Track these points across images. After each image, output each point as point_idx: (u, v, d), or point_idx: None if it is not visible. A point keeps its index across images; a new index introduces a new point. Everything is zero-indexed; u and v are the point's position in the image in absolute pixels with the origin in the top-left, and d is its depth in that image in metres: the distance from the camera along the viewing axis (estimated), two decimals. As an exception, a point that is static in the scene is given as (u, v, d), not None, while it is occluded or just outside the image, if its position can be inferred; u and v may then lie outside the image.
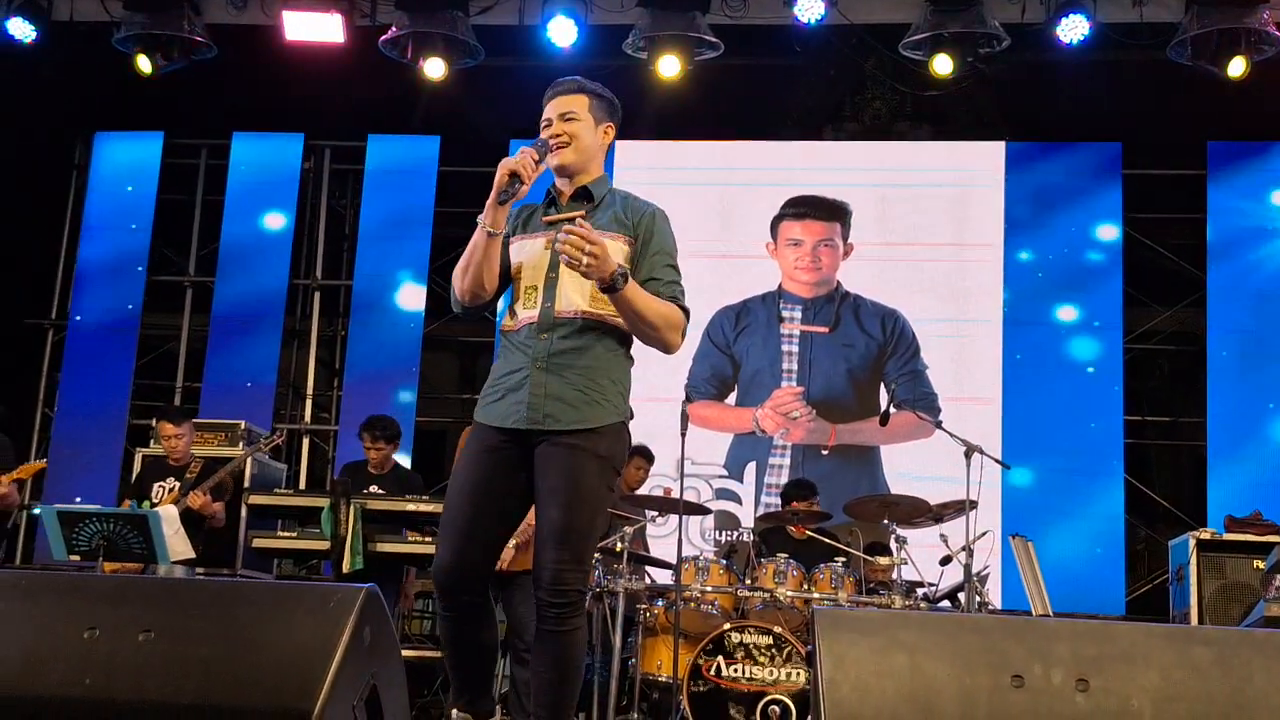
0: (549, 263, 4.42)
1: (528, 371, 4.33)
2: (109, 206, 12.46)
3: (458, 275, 4.48)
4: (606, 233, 4.36)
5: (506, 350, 4.46)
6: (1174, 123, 11.07)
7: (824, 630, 3.36)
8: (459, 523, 4.27)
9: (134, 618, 3.29)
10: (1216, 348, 11.09)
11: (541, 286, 4.41)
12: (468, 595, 4.27)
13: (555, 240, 4.23)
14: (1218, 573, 8.91)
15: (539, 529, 4.26)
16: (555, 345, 4.34)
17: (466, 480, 4.33)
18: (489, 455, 4.34)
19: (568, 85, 4.67)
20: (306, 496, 8.63)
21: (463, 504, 4.29)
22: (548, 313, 4.37)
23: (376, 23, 10.58)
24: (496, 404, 4.38)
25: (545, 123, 4.59)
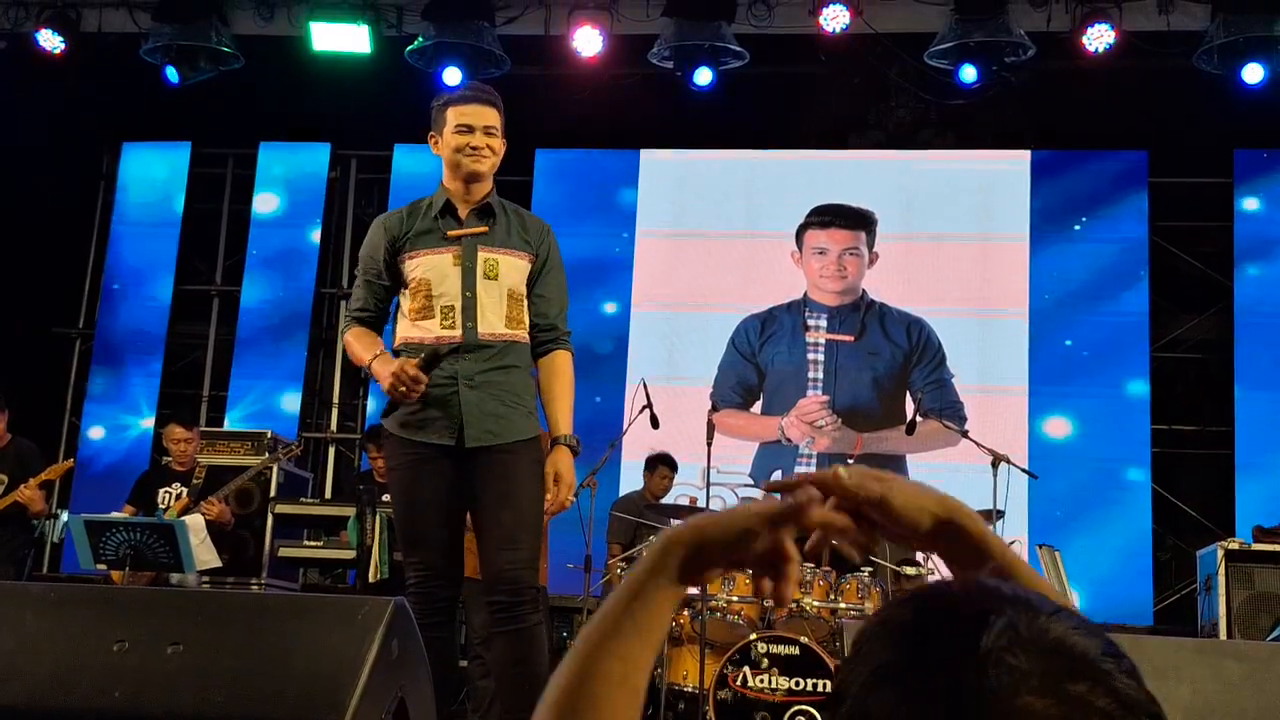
0: (463, 280, 4.49)
1: (454, 388, 4.42)
2: (136, 216, 12.53)
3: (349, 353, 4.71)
4: (509, 250, 4.59)
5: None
6: (1200, 131, 11.02)
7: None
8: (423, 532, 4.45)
9: (163, 630, 3.30)
10: (1244, 356, 11.04)
11: (459, 307, 4.49)
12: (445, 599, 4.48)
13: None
14: (1246, 583, 8.85)
15: (490, 534, 4.41)
16: (481, 366, 4.46)
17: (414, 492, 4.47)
18: (425, 465, 4.46)
19: (488, 96, 4.74)
20: (332, 506, 8.68)
21: (420, 514, 4.45)
22: (471, 334, 4.47)
23: (403, 33, 10.61)
24: (416, 417, 4.46)
25: (463, 128, 4.61)
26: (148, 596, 3.86)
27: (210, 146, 12.88)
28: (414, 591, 4.41)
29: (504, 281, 4.55)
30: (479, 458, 4.43)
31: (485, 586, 4.46)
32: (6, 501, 8.23)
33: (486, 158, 4.62)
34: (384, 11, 10.63)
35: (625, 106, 11.34)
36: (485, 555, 4.43)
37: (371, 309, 4.63)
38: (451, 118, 4.63)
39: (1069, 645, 1.06)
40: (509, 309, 4.53)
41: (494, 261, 4.55)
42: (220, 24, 10.59)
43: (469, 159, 4.58)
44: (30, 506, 8.27)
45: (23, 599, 3.51)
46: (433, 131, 4.73)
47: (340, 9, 10.48)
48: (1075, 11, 10.04)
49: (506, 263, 4.57)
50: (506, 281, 4.55)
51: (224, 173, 13.20)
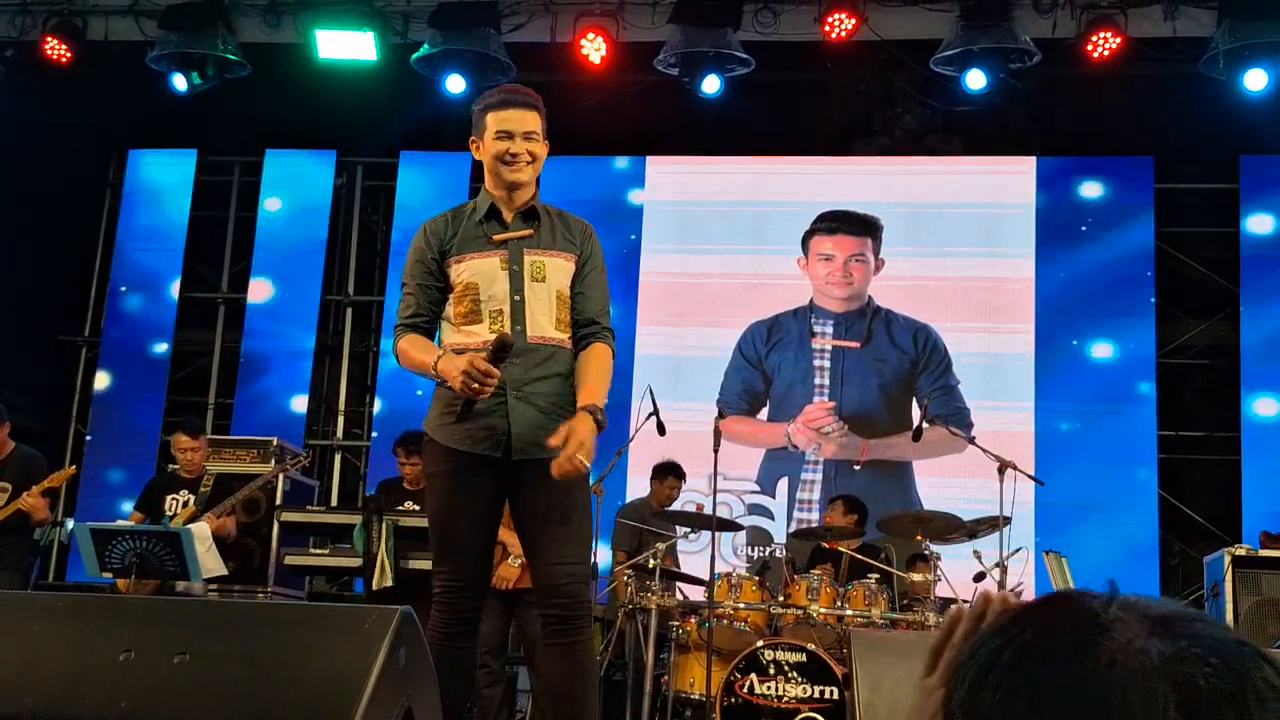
0: (510, 284, 4.42)
1: (502, 398, 4.32)
2: (143, 224, 12.55)
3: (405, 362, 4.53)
4: (555, 252, 4.50)
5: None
6: (1206, 137, 11.01)
7: (860, 653, 3.35)
8: (458, 542, 4.37)
9: (169, 640, 3.30)
10: (1250, 361, 11.03)
11: (508, 309, 4.40)
12: (471, 610, 4.42)
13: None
14: (1253, 589, 8.83)
15: (543, 548, 4.35)
16: (529, 373, 4.38)
17: (454, 500, 4.39)
18: (468, 476, 4.38)
19: (527, 99, 4.60)
20: (339, 513, 8.67)
21: (457, 523, 4.38)
22: (520, 338, 4.37)
23: (409, 40, 10.63)
24: (460, 426, 4.36)
25: (502, 134, 4.48)
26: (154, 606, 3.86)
27: (216, 154, 12.90)
28: (441, 600, 4.38)
29: (551, 284, 4.48)
30: (526, 469, 4.36)
31: (540, 599, 4.40)
32: (10, 510, 8.22)
33: (526, 165, 4.50)
34: (390, 19, 10.65)
35: (631, 113, 11.35)
36: (540, 568, 4.37)
37: (425, 313, 4.54)
38: (491, 123, 4.51)
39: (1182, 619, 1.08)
40: (557, 311, 4.47)
41: (540, 264, 4.48)
42: (226, 32, 10.62)
43: (508, 168, 4.47)
44: (34, 514, 8.26)
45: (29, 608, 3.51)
46: (474, 135, 4.62)
47: (346, 16, 10.50)
48: (1080, 18, 10.04)
49: (553, 265, 4.50)
50: (554, 284, 4.49)
51: (230, 180, 13.21)
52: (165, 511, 8.38)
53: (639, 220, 11.79)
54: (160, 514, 8.37)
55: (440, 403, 4.48)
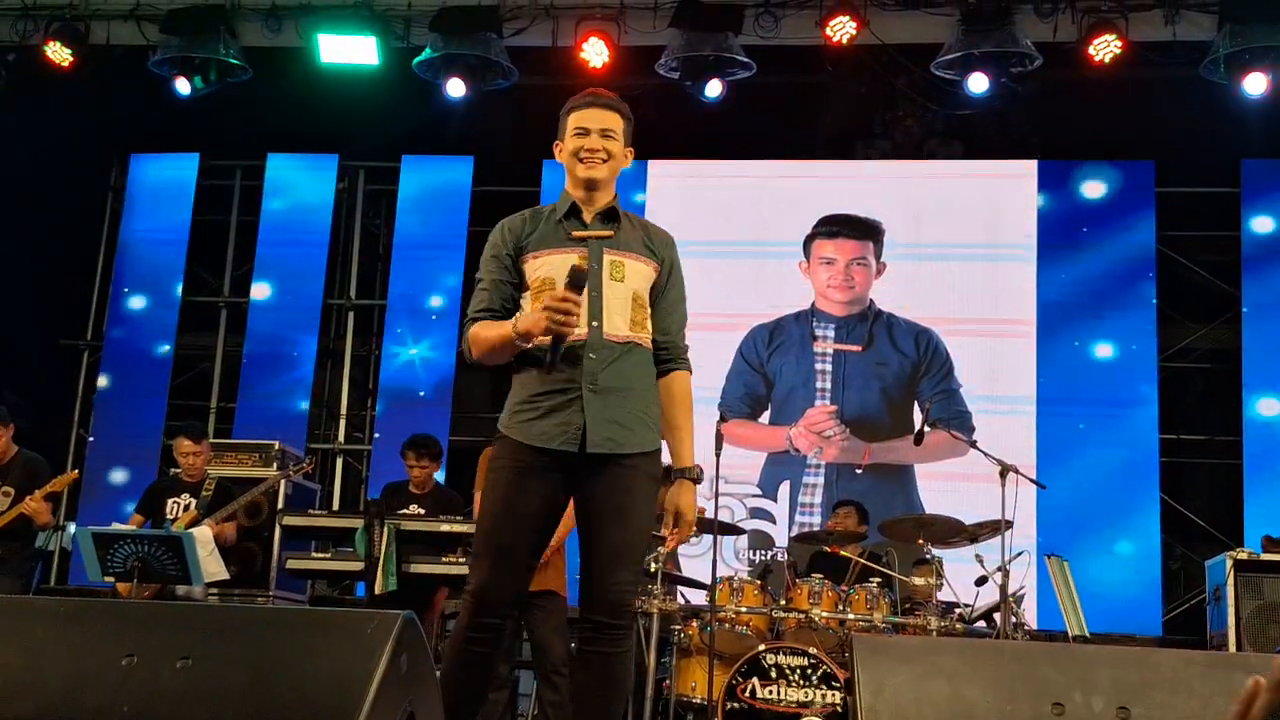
0: (589, 281, 4.29)
1: (578, 393, 4.25)
2: (144, 227, 12.55)
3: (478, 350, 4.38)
4: (635, 255, 4.42)
5: (538, 366, 4.32)
6: (1207, 140, 11.01)
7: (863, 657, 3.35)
8: (504, 545, 4.23)
9: (172, 644, 3.30)
10: (1252, 365, 11.02)
11: (586, 305, 4.28)
12: (500, 616, 4.27)
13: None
14: (1255, 593, 8.83)
15: (597, 549, 4.25)
16: (605, 368, 4.29)
17: (512, 501, 4.25)
18: (532, 478, 4.26)
19: (607, 100, 4.57)
20: (340, 517, 8.66)
21: (507, 526, 4.23)
22: (596, 334, 4.30)
23: (410, 44, 10.64)
24: (537, 422, 4.27)
25: (580, 130, 4.47)
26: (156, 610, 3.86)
27: (218, 158, 12.91)
28: (471, 599, 4.25)
29: (630, 284, 4.40)
30: (595, 467, 4.26)
31: (586, 604, 4.29)
32: (12, 514, 8.21)
33: (602, 162, 4.43)
34: (391, 23, 10.65)
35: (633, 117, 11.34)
36: (588, 571, 4.28)
37: (497, 308, 4.41)
38: (570, 122, 4.51)
39: None
40: (634, 312, 4.38)
41: (620, 263, 4.40)
42: (228, 36, 10.63)
43: (583, 164, 4.42)
44: (36, 519, 8.25)
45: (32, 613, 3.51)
46: (557, 139, 4.59)
47: (348, 21, 10.51)
48: (1081, 22, 10.04)
49: (632, 266, 4.42)
50: (632, 284, 4.41)
51: (232, 184, 13.24)
52: (166, 515, 8.38)
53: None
54: (161, 517, 8.37)
55: (517, 396, 4.37)
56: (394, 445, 11.19)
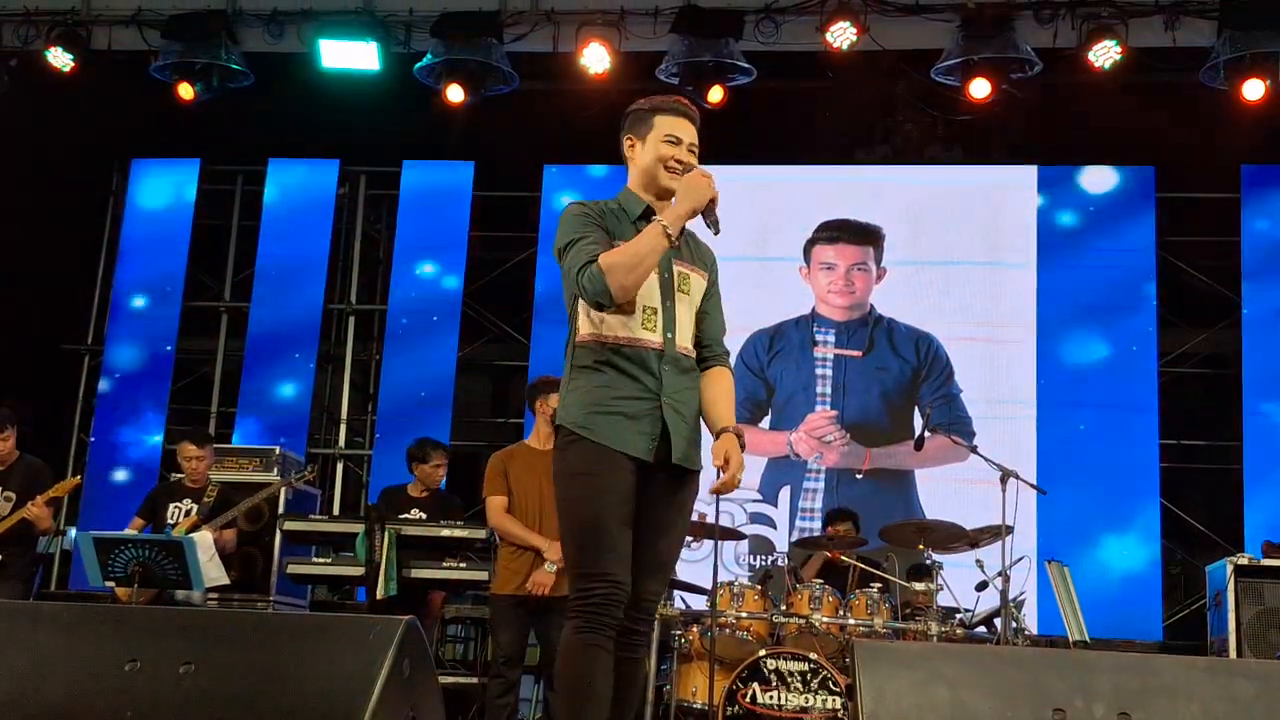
0: (661, 288, 4.34)
1: (656, 404, 4.26)
2: (145, 232, 12.54)
3: (622, 270, 4.16)
4: (695, 268, 4.47)
5: (614, 367, 4.29)
6: (1207, 146, 11.02)
7: (864, 662, 3.36)
8: (613, 545, 4.16)
9: (174, 650, 3.31)
10: (1252, 370, 11.03)
11: (660, 312, 4.32)
12: (619, 617, 4.19)
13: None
14: (1256, 598, 8.82)
15: (645, 556, 4.26)
16: (676, 381, 4.32)
17: (607, 502, 4.18)
18: (618, 478, 4.21)
19: (693, 113, 4.56)
20: (341, 522, 8.67)
21: (610, 527, 4.16)
22: (670, 344, 4.33)
23: (411, 50, 10.65)
24: (614, 426, 4.23)
25: (672, 139, 4.44)
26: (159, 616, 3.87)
27: (219, 163, 12.91)
28: (599, 604, 4.13)
29: (693, 299, 4.44)
30: (657, 478, 4.27)
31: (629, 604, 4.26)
32: (14, 519, 8.20)
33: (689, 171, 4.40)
34: (393, 29, 10.67)
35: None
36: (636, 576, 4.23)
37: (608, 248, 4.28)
38: (660, 125, 4.46)
39: None
40: (693, 327, 4.45)
41: (686, 276, 4.42)
42: (230, 41, 10.64)
43: (668, 173, 4.40)
44: (37, 524, 8.24)
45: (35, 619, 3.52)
46: (630, 134, 4.54)
47: (349, 26, 10.52)
48: (1081, 28, 10.04)
49: (695, 281, 4.46)
50: (694, 299, 4.45)
51: (233, 189, 13.24)
52: (167, 520, 8.37)
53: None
54: (162, 522, 8.36)
55: (591, 396, 4.29)
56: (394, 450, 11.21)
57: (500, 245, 12.70)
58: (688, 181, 4.29)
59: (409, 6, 10.63)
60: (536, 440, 7.50)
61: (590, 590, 4.14)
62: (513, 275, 12.49)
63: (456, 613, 10.16)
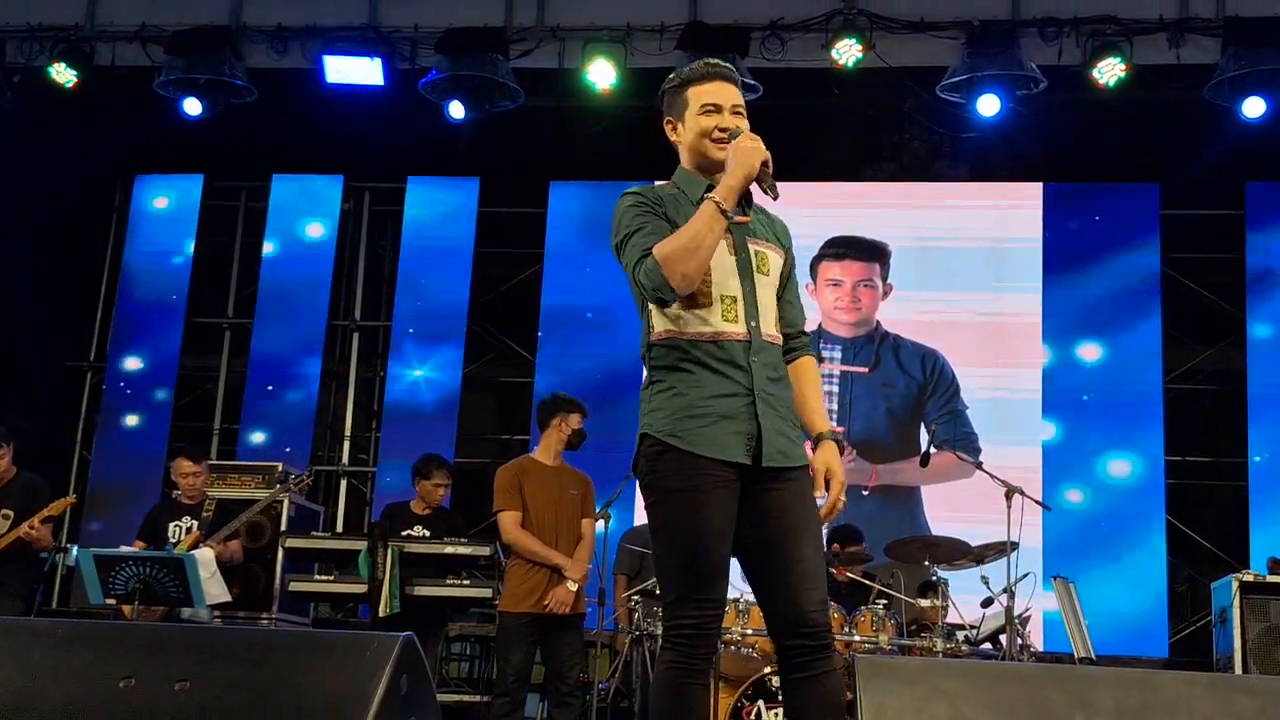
0: (740, 272, 4.00)
1: (749, 400, 3.91)
2: (148, 249, 12.55)
3: (679, 258, 3.82)
4: (771, 245, 4.13)
5: (702, 366, 3.96)
6: (1212, 163, 11.02)
7: (865, 679, 3.33)
8: (708, 567, 3.86)
9: (170, 667, 3.28)
10: (1257, 386, 11.01)
11: (741, 300, 3.98)
12: (714, 648, 4.00)
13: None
14: (1261, 615, 8.81)
15: (786, 571, 3.88)
16: (766, 372, 3.97)
17: (704, 518, 3.86)
18: (719, 491, 3.87)
19: (728, 72, 4.19)
20: (344, 539, 8.66)
21: (706, 545, 3.84)
22: (756, 334, 3.97)
23: (416, 66, 10.65)
24: (709, 429, 3.89)
25: (710, 107, 4.10)
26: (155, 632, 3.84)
27: (223, 179, 12.92)
28: (694, 633, 3.86)
29: (773, 279, 4.08)
30: (768, 482, 3.91)
31: (781, 629, 3.90)
32: (11, 537, 8.17)
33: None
34: (397, 45, 10.67)
35: (639, 139, 11.32)
36: (781, 594, 3.88)
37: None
38: (694, 98, 4.11)
39: None
40: (776, 309, 4.08)
41: (764, 255, 4.06)
42: (234, 57, 10.64)
43: (718, 145, 4.04)
44: (35, 544, 8.21)
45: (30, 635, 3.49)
46: (669, 116, 4.22)
47: (353, 42, 10.52)
48: (1086, 45, 10.05)
49: (774, 259, 4.10)
50: (774, 278, 4.09)
51: (237, 205, 13.24)
52: (168, 538, 8.35)
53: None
54: (163, 541, 8.32)
55: (679, 401, 3.96)
56: (398, 467, 11.19)
57: (506, 262, 12.70)
58: (734, 148, 3.93)
59: (414, 22, 10.65)
60: (545, 456, 7.48)
61: (682, 620, 3.86)
62: (519, 292, 12.49)
63: (461, 630, 10.13)
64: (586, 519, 7.44)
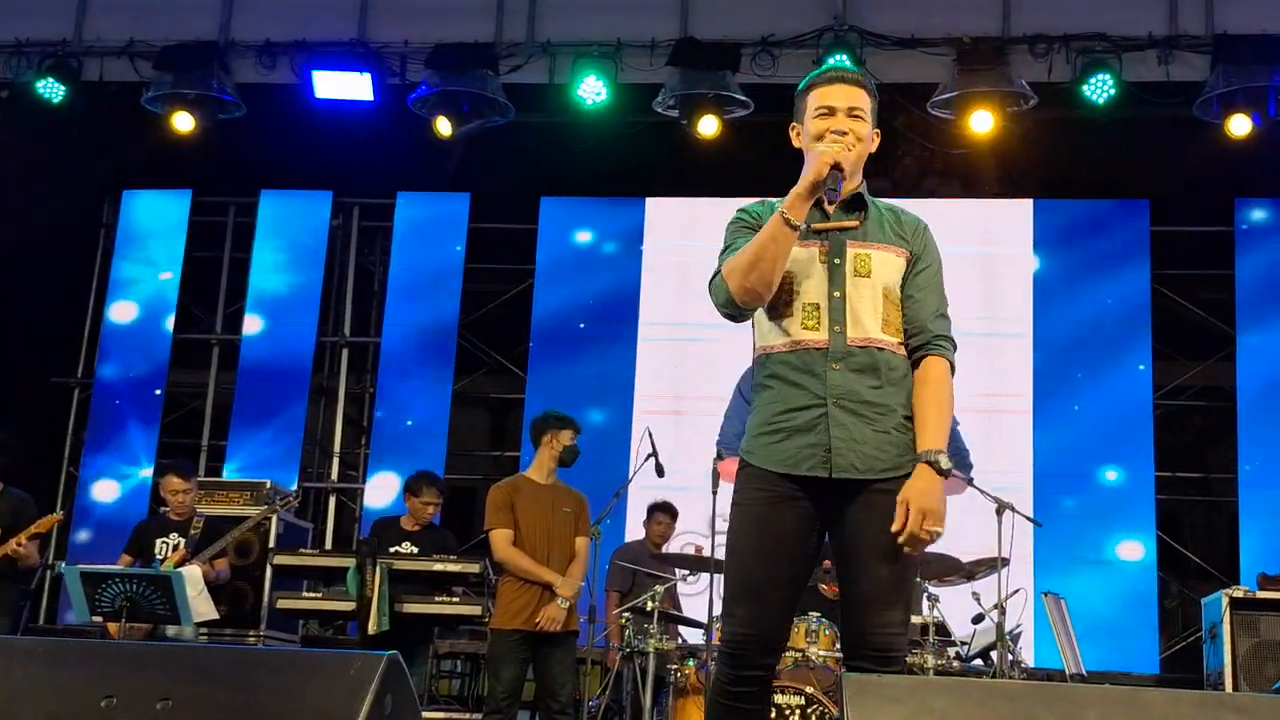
0: (829, 278, 3.91)
1: (823, 410, 3.82)
2: (136, 264, 12.52)
3: (740, 272, 3.82)
4: (882, 245, 4.01)
5: (779, 379, 3.92)
6: (1201, 179, 11.04)
7: (852, 697, 3.30)
8: (761, 584, 3.82)
9: (153, 685, 3.25)
10: (1247, 403, 11.02)
11: (825, 306, 3.88)
12: (761, 668, 3.87)
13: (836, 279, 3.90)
14: (1251, 631, 8.79)
15: (858, 588, 3.82)
16: (851, 379, 3.85)
17: (765, 535, 3.83)
18: (782, 507, 3.83)
19: (854, 76, 4.11)
20: (332, 556, 8.62)
21: (763, 563, 3.82)
22: (839, 339, 3.86)
23: (406, 81, 10.64)
24: (780, 445, 3.85)
25: (824, 110, 4.01)
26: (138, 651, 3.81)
27: (211, 194, 12.90)
28: (726, 650, 3.85)
29: (878, 279, 3.94)
30: (848, 495, 3.81)
31: (847, 648, 3.88)
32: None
33: (851, 147, 3.93)
34: (387, 60, 10.65)
35: (631, 154, 11.36)
36: (852, 612, 3.84)
37: None
38: (813, 101, 4.03)
39: None
40: (885, 310, 3.93)
41: (866, 257, 3.94)
42: (222, 72, 10.61)
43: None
44: (21, 562, 8.16)
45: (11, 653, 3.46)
46: (795, 121, 4.14)
47: (343, 57, 10.50)
48: (1076, 61, 10.05)
49: (880, 258, 3.97)
50: (880, 279, 3.95)
51: (225, 221, 13.21)
52: (156, 555, 8.30)
53: (639, 260, 11.81)
54: (151, 558, 8.29)
55: (759, 418, 3.94)
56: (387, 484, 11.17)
57: (497, 278, 12.69)
58: (811, 151, 3.85)
59: (404, 37, 10.63)
60: (538, 473, 7.46)
61: (724, 634, 3.89)
62: (510, 308, 12.48)
63: (451, 648, 10.10)
64: (581, 536, 7.43)
